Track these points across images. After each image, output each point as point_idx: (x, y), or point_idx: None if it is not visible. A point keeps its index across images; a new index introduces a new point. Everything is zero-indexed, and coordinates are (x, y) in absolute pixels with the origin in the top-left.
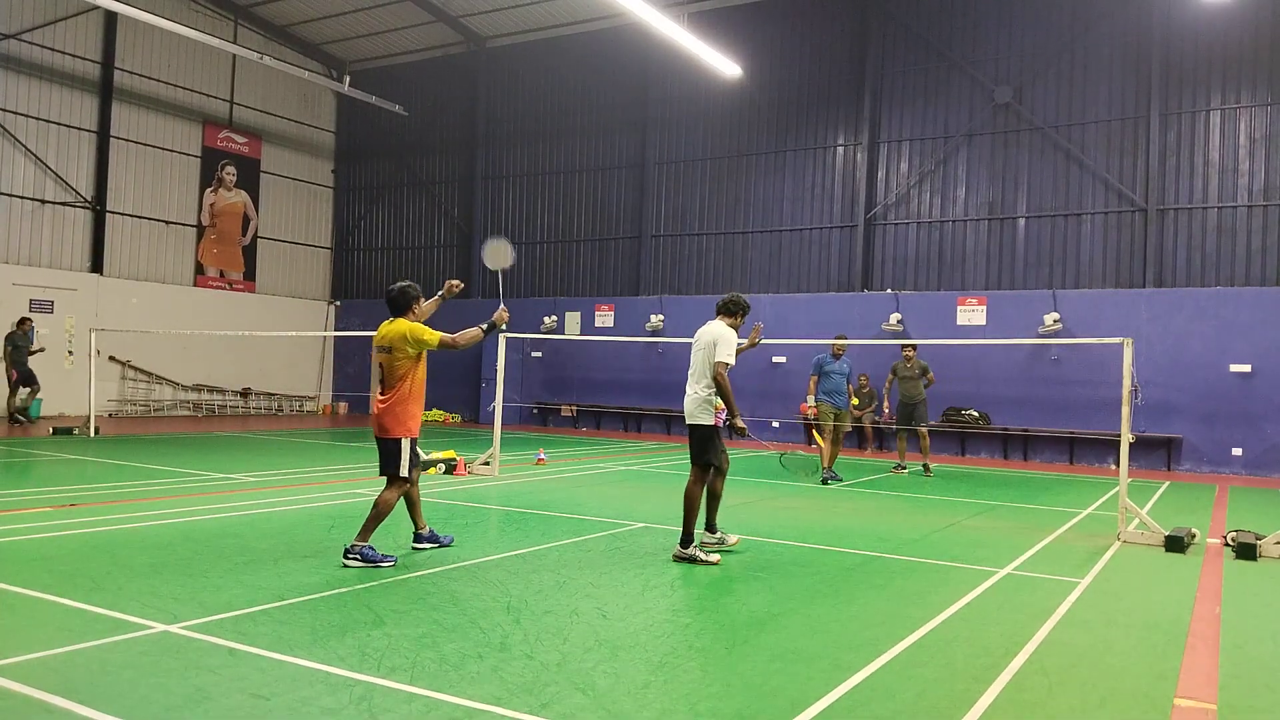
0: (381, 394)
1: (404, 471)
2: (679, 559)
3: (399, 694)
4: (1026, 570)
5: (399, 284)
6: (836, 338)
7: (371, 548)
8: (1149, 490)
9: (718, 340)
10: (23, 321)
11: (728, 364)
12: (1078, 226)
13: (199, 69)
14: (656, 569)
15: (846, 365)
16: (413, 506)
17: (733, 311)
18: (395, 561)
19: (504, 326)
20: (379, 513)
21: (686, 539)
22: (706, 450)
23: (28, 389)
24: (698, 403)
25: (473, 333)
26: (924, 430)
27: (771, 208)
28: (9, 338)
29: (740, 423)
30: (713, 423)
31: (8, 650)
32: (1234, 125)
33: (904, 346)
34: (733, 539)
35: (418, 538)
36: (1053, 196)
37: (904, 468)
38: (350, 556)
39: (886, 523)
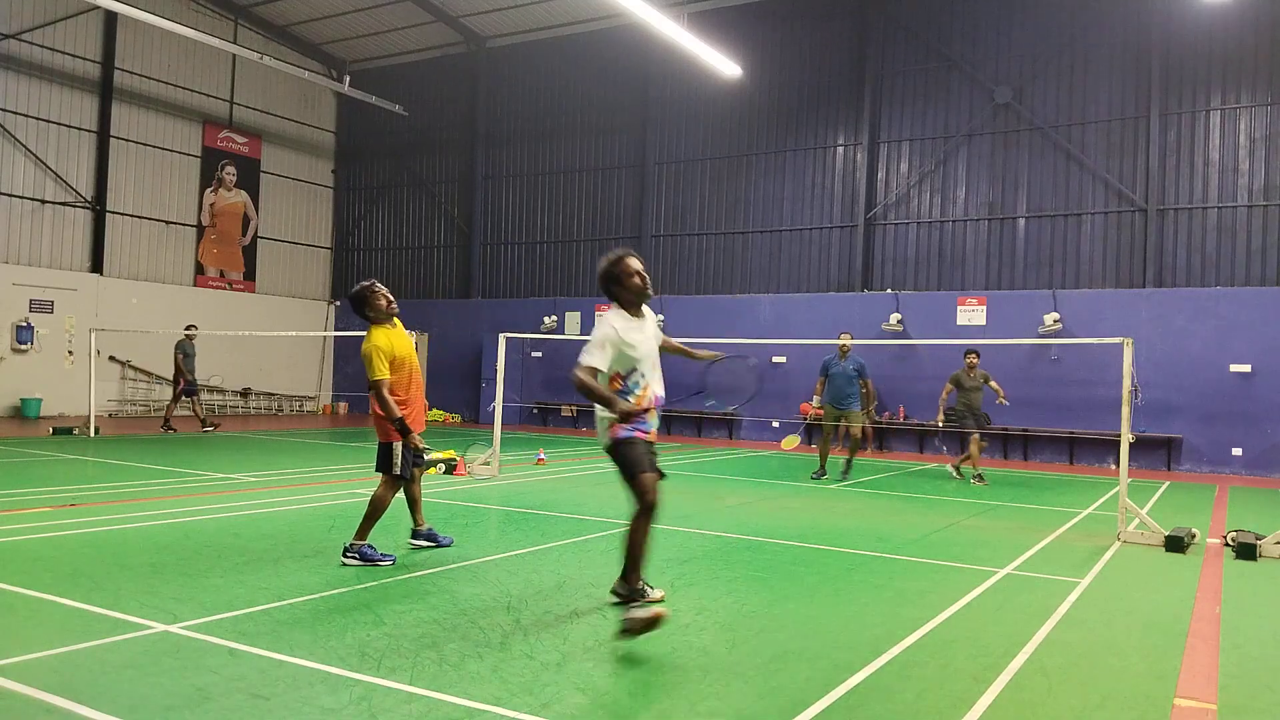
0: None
1: (396, 470)
2: (626, 630)
3: (399, 694)
4: (1026, 570)
5: (357, 285)
6: (840, 336)
7: (370, 546)
8: (1149, 490)
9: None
10: (190, 327)
11: (592, 368)
12: (1078, 226)
13: (199, 69)
14: (656, 569)
15: (853, 366)
16: (413, 504)
17: (608, 290)
18: (394, 560)
19: (414, 447)
20: (373, 510)
21: (631, 588)
22: (630, 471)
23: (192, 397)
24: (597, 417)
25: (393, 416)
26: (975, 437)
27: (771, 208)
28: (180, 345)
29: (620, 429)
30: (616, 436)
31: (8, 650)
32: (1234, 125)
33: (967, 354)
34: (657, 593)
35: (415, 534)
36: (1053, 196)
37: (982, 477)
38: (349, 555)
39: (886, 523)
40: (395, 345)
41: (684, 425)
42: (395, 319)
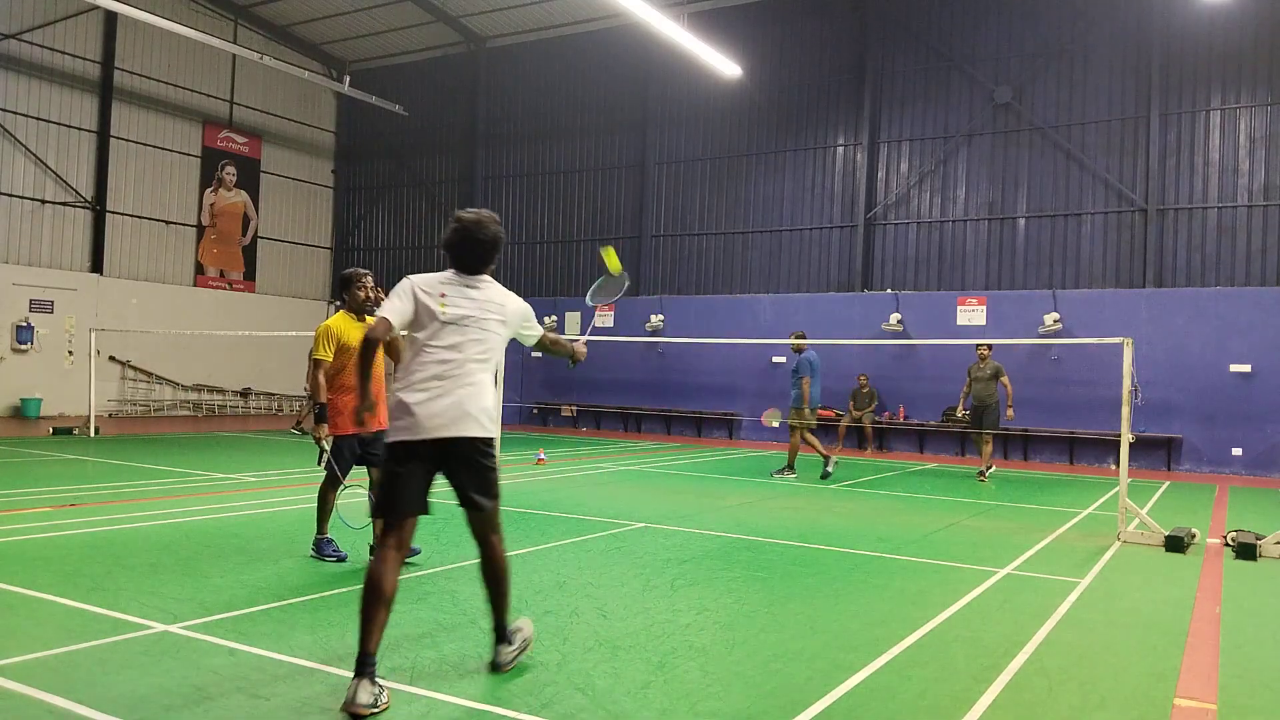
0: None
1: (319, 463)
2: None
3: (399, 694)
4: (1026, 570)
5: (351, 268)
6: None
7: (327, 540)
8: (1149, 490)
9: (528, 312)
10: None
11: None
12: (1078, 226)
13: (199, 69)
14: (656, 569)
15: (794, 362)
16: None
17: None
18: (344, 558)
19: (314, 435)
20: (318, 503)
21: (504, 633)
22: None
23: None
24: (495, 406)
25: (316, 398)
26: (988, 435)
27: (771, 208)
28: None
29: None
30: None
31: (8, 650)
32: (1234, 125)
33: (979, 346)
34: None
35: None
36: (1053, 196)
37: (985, 474)
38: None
39: (886, 523)
40: (347, 334)
41: (684, 425)
42: (367, 318)
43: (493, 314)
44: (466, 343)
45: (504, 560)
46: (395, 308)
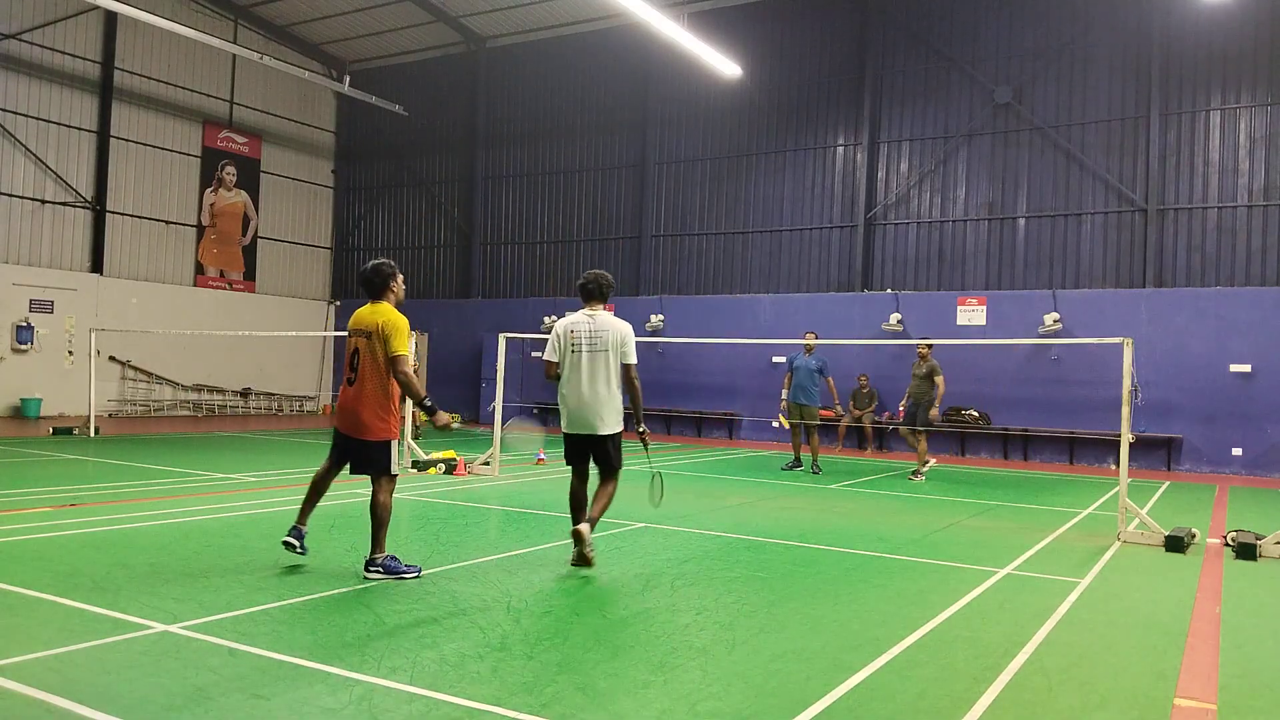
0: (352, 384)
1: (394, 469)
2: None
3: (399, 694)
4: (1026, 570)
5: (371, 262)
6: (805, 335)
7: (393, 558)
8: (1149, 490)
9: (626, 337)
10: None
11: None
12: (1078, 226)
13: (199, 69)
14: (656, 569)
15: (815, 362)
16: (381, 524)
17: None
18: (419, 572)
19: (439, 424)
20: (382, 519)
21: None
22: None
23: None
24: (615, 409)
25: (420, 393)
26: (919, 433)
27: (771, 208)
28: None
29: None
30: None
31: (8, 650)
32: (1234, 125)
33: (919, 345)
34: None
35: (298, 533)
36: (1053, 196)
37: (920, 473)
38: (372, 569)
39: (886, 523)
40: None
41: (684, 425)
42: None
43: (603, 338)
44: (590, 360)
45: (612, 491)
46: (552, 347)
